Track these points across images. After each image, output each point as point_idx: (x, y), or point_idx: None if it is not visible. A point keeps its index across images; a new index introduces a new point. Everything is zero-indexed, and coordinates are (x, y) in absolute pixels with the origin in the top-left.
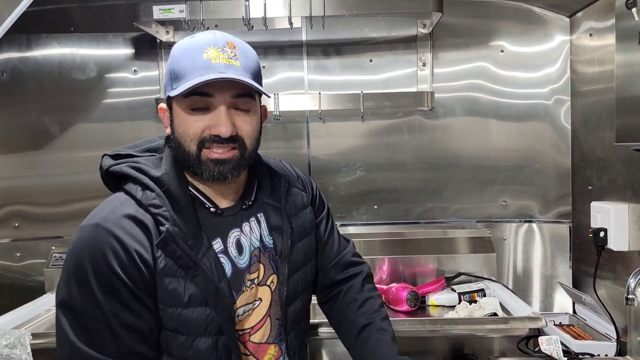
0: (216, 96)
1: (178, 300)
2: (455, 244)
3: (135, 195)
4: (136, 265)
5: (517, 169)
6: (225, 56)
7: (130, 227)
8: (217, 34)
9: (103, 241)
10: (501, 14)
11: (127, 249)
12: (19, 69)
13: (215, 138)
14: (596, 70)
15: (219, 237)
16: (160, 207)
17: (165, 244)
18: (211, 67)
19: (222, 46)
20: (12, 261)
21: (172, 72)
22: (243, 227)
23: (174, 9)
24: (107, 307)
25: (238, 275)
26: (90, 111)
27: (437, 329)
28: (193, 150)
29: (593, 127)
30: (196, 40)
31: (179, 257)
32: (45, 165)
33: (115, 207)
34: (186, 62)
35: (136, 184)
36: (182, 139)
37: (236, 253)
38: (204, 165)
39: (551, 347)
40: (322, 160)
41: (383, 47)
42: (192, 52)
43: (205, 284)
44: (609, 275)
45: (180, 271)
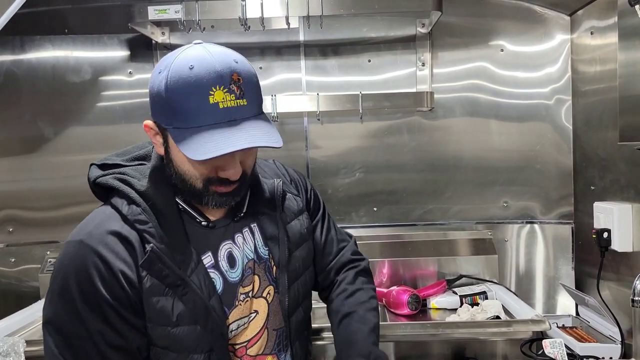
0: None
1: (167, 319)
2: (456, 245)
3: (121, 210)
4: (121, 285)
5: (518, 169)
6: (233, 97)
7: (114, 245)
8: (218, 65)
9: (87, 260)
10: (501, 13)
11: (112, 269)
12: (12, 72)
13: (222, 180)
14: (597, 70)
15: (210, 251)
16: (146, 224)
17: (150, 263)
18: (220, 114)
19: (227, 84)
20: (6, 266)
21: (172, 108)
22: (235, 239)
23: (169, 9)
24: (93, 326)
25: (230, 290)
26: (85, 114)
27: (439, 332)
28: (198, 186)
29: (595, 126)
30: (199, 76)
31: (165, 276)
32: (40, 169)
33: (101, 221)
34: (191, 105)
35: (122, 198)
36: (186, 175)
37: (228, 267)
38: (210, 198)
39: (555, 350)
40: (321, 162)
41: (382, 47)
42: (196, 93)
43: (195, 302)
44: (612, 276)
45: (167, 290)
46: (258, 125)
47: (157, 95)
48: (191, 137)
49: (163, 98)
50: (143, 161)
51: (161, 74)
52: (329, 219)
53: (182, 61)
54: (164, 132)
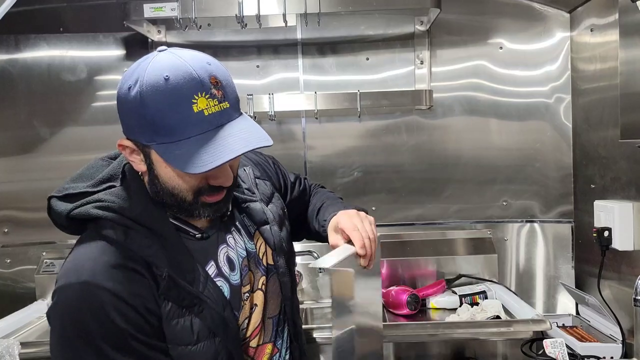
0: None
1: (187, 338)
2: (455, 245)
3: (117, 239)
4: (144, 317)
5: (517, 168)
6: (216, 102)
7: (124, 279)
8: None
9: (102, 300)
10: (500, 10)
11: (130, 304)
12: (7, 71)
13: (213, 187)
14: (598, 68)
15: (212, 259)
16: (150, 248)
17: (168, 289)
18: (207, 122)
19: (208, 89)
20: (2, 267)
21: (153, 124)
22: (228, 241)
23: (165, 7)
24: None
25: (236, 294)
26: (81, 114)
27: (439, 333)
28: (189, 199)
29: (595, 124)
30: (178, 86)
31: (182, 299)
32: (35, 169)
33: (98, 257)
34: (175, 117)
35: (113, 228)
36: (175, 190)
37: (229, 271)
38: (200, 209)
39: (556, 350)
40: (319, 162)
41: (380, 45)
42: (178, 104)
43: (212, 317)
44: (613, 275)
45: (185, 311)
46: (245, 126)
47: (131, 112)
48: (181, 151)
49: (140, 115)
50: (111, 183)
51: (132, 90)
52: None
53: (154, 72)
54: (146, 149)
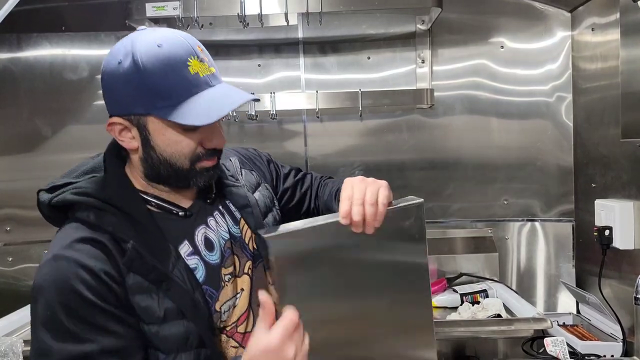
0: None
1: (154, 316)
2: (456, 244)
3: (88, 220)
4: (108, 286)
5: (518, 167)
6: (205, 65)
7: (89, 249)
8: (184, 37)
9: (67, 272)
10: (501, 10)
11: (95, 272)
12: (9, 70)
13: (209, 152)
14: (599, 67)
15: (186, 239)
16: (120, 226)
17: (132, 260)
18: (202, 83)
19: (198, 53)
20: (4, 266)
21: (152, 90)
22: (209, 222)
23: (167, 6)
24: (88, 339)
25: (213, 273)
26: (83, 112)
27: (440, 331)
28: (186, 167)
29: (596, 124)
30: (172, 51)
31: (148, 272)
32: (37, 167)
33: (68, 234)
34: (173, 80)
35: (86, 210)
36: (173, 158)
37: (206, 251)
38: (197, 177)
39: (557, 348)
40: (320, 160)
41: (381, 44)
42: (175, 67)
43: (181, 296)
44: (614, 274)
45: (150, 286)
46: (232, 87)
47: (127, 83)
48: (182, 109)
49: (139, 83)
50: (94, 174)
51: (125, 63)
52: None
53: (146, 42)
54: (141, 121)
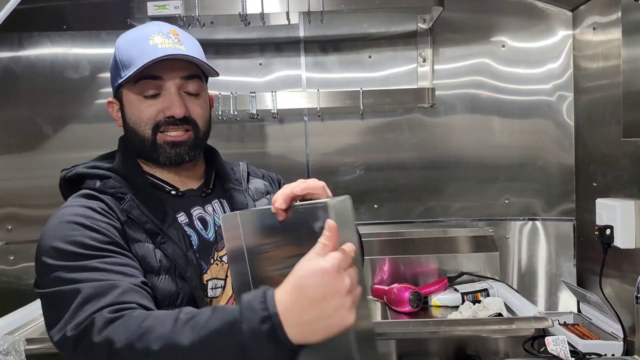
0: (166, 78)
1: (149, 265)
2: (457, 243)
3: (94, 187)
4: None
5: (519, 166)
6: (171, 42)
7: (89, 202)
8: (161, 24)
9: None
10: (502, 9)
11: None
12: (10, 69)
13: (169, 120)
14: (600, 66)
15: (183, 212)
16: (119, 187)
17: (131, 207)
18: (159, 51)
19: (166, 33)
20: (6, 264)
21: (119, 62)
22: (205, 208)
23: (168, 5)
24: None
25: (206, 247)
26: (84, 111)
27: (441, 330)
28: (148, 135)
29: (597, 123)
30: (141, 31)
31: (145, 222)
32: (38, 166)
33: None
34: (134, 51)
35: (93, 179)
36: (136, 125)
37: (201, 227)
38: (160, 149)
39: (558, 347)
40: (321, 159)
41: (382, 43)
42: (138, 40)
43: (174, 251)
44: (615, 273)
45: (147, 237)
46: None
47: (111, 64)
48: (134, 70)
49: (113, 60)
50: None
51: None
52: None
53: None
54: (118, 95)
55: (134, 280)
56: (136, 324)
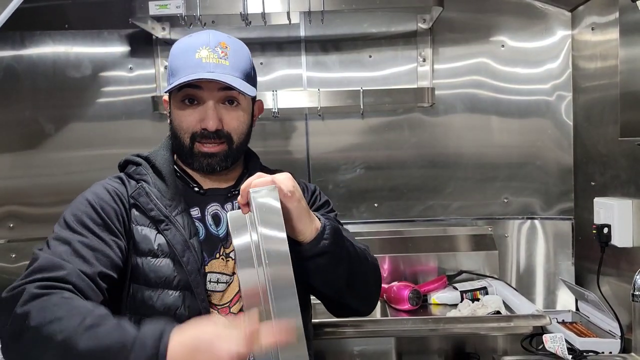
0: (205, 90)
1: (148, 247)
2: (456, 241)
3: (128, 171)
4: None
5: (518, 165)
6: (216, 56)
7: (114, 183)
8: (211, 35)
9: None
10: (501, 9)
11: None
12: (12, 67)
13: (203, 132)
14: (598, 66)
15: (197, 207)
16: (145, 175)
17: (139, 195)
18: (201, 66)
19: (213, 46)
20: (7, 262)
21: (169, 69)
22: (225, 206)
23: (170, 4)
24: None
25: (211, 241)
26: (86, 110)
27: (440, 327)
28: (187, 143)
29: (596, 123)
30: (192, 40)
31: (150, 209)
32: (40, 165)
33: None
34: (180, 61)
35: (132, 164)
36: (178, 131)
37: (212, 223)
38: (195, 157)
39: (556, 345)
40: (322, 158)
41: (382, 42)
42: (186, 51)
43: (175, 237)
44: (612, 271)
45: (151, 224)
46: (233, 79)
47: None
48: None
49: (168, 64)
50: None
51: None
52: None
53: (186, 37)
54: (169, 98)
55: (87, 268)
56: (51, 309)
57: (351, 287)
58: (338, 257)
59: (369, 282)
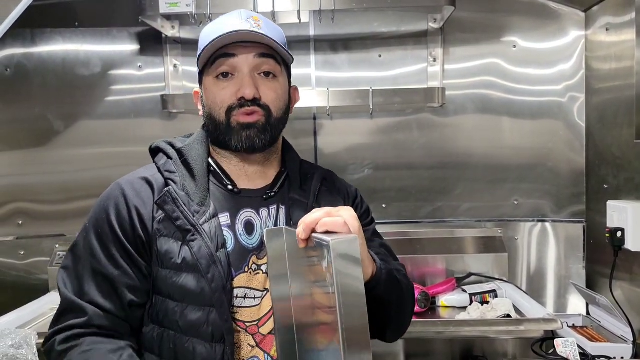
0: (239, 56)
1: (172, 262)
2: (465, 243)
3: (158, 163)
4: (132, 222)
5: (529, 167)
6: (249, 25)
7: (139, 186)
8: (243, 12)
9: (112, 195)
10: (514, 9)
11: (128, 205)
12: (23, 65)
13: (240, 102)
14: (613, 67)
15: (228, 213)
16: (174, 173)
17: (164, 202)
18: (235, 28)
19: (246, 18)
20: (16, 259)
21: (199, 46)
22: (260, 211)
23: (180, 2)
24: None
25: (241, 253)
26: (95, 108)
27: (449, 330)
28: (222, 118)
29: (609, 124)
30: (222, 18)
31: (176, 218)
32: (49, 162)
33: (139, 171)
34: (211, 32)
35: (163, 154)
36: (212, 109)
37: (244, 232)
38: (233, 132)
39: (568, 349)
40: (330, 158)
41: (392, 42)
42: (217, 24)
43: (201, 249)
44: (625, 276)
45: (176, 233)
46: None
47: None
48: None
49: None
50: None
51: None
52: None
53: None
54: (201, 77)
55: (110, 305)
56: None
57: (389, 326)
58: (387, 302)
59: (407, 322)
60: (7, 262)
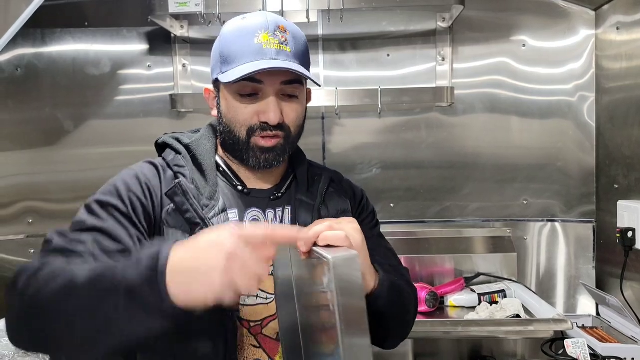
0: (266, 83)
1: None
2: (474, 243)
3: (167, 158)
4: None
5: (538, 167)
6: (277, 41)
7: (149, 170)
8: (269, 17)
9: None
10: (523, 7)
11: (140, 179)
12: (33, 65)
13: (263, 125)
14: (624, 66)
15: (236, 209)
16: (183, 167)
17: (174, 194)
18: (262, 53)
19: (273, 30)
20: (26, 257)
21: (221, 55)
22: (266, 213)
23: (190, 2)
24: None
25: None
26: (104, 107)
27: (458, 330)
28: (243, 137)
29: (620, 124)
30: (247, 23)
31: (186, 210)
32: (59, 161)
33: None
34: (237, 46)
35: (171, 150)
36: (232, 124)
37: None
38: (252, 152)
39: (578, 350)
40: (338, 157)
41: (401, 41)
42: (243, 36)
43: None
44: (636, 276)
45: (184, 226)
46: (296, 66)
47: (214, 52)
48: (232, 71)
49: (216, 50)
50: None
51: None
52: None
53: (236, 17)
54: (217, 85)
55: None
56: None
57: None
58: (389, 315)
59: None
60: (17, 260)
